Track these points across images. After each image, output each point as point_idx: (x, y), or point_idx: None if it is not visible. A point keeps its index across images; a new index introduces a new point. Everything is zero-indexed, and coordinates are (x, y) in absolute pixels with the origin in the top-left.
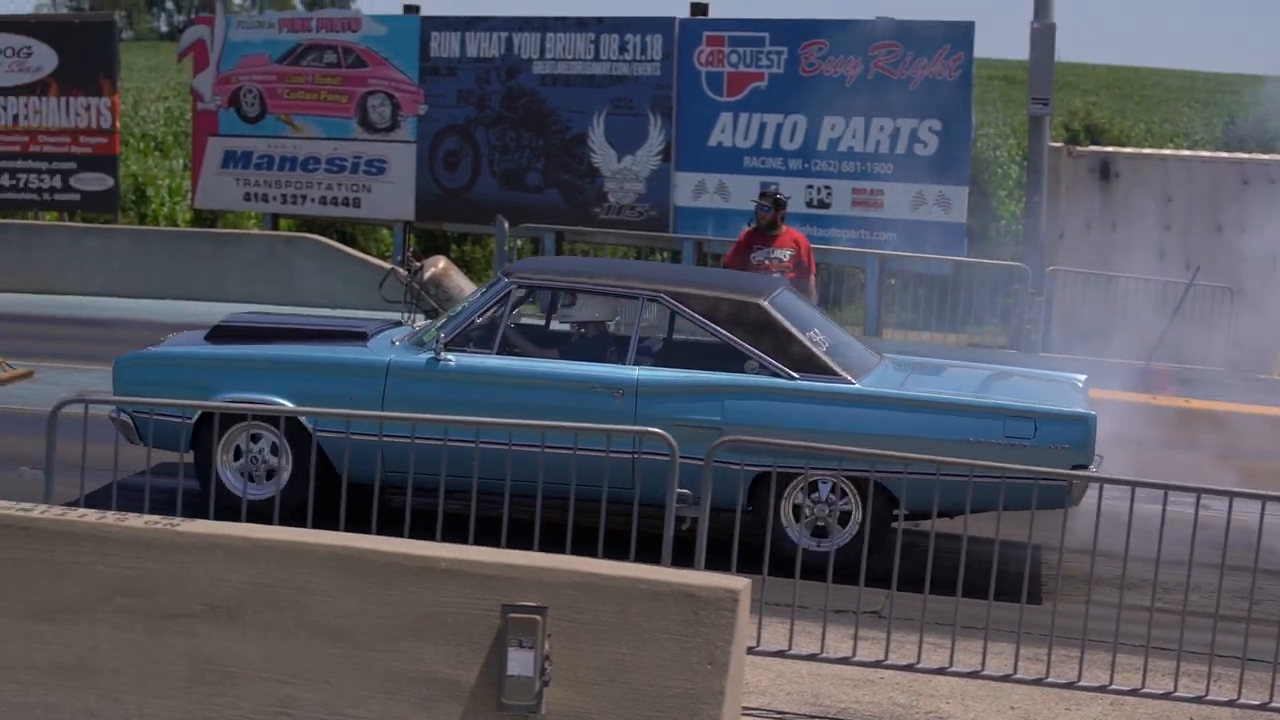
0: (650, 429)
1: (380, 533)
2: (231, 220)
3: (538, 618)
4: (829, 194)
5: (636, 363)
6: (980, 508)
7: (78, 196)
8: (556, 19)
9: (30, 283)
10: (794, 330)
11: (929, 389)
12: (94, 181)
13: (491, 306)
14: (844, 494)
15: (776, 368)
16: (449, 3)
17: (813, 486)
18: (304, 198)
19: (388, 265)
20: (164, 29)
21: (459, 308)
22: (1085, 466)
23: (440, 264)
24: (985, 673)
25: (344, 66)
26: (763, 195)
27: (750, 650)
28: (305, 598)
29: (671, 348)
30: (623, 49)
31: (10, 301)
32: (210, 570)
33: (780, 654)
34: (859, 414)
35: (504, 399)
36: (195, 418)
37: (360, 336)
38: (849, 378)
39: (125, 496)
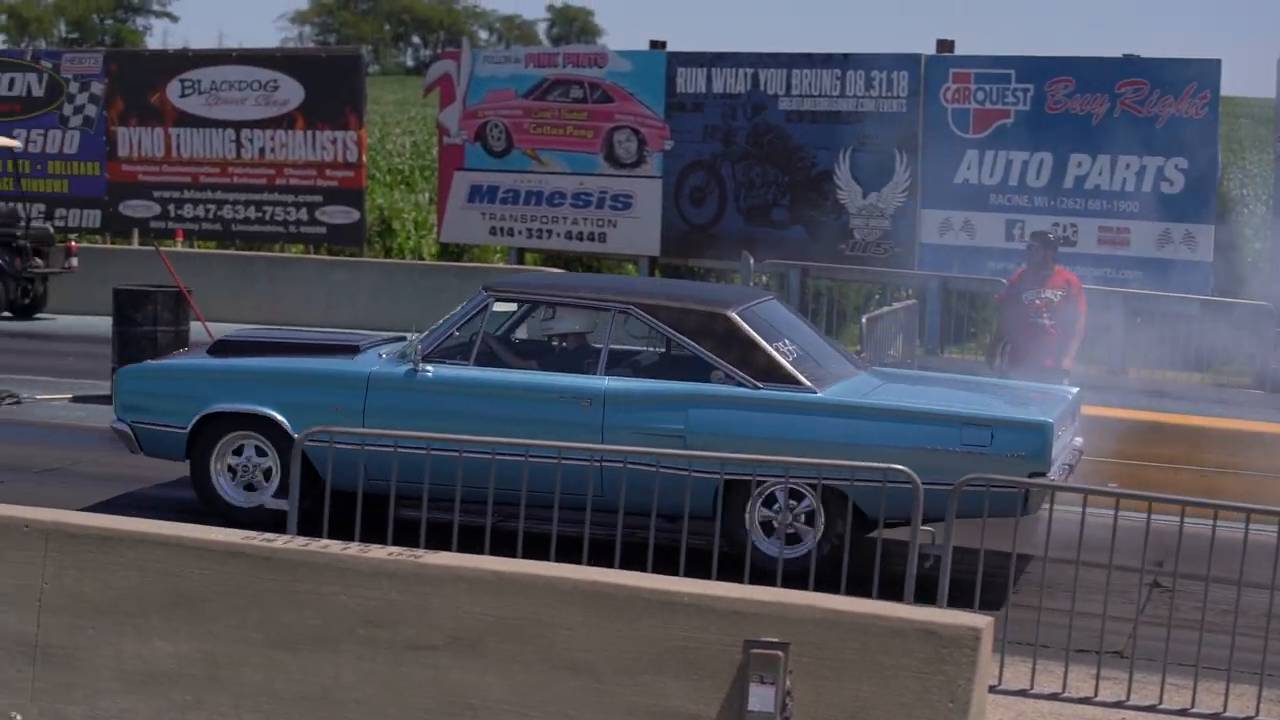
0: (894, 465)
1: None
2: (477, 254)
3: (780, 653)
4: (1074, 231)
5: (608, 373)
6: (935, 515)
7: (324, 230)
8: (803, 55)
9: (277, 315)
10: (760, 340)
11: (891, 398)
12: (340, 215)
13: (469, 319)
14: (804, 498)
15: (741, 377)
16: (695, 39)
17: (774, 496)
18: (549, 232)
19: None
20: (410, 63)
21: (439, 321)
22: (1042, 474)
23: None
24: (1228, 714)
25: (590, 102)
26: (1033, 235)
27: (991, 689)
28: (548, 631)
29: (644, 359)
30: (869, 85)
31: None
32: (453, 602)
33: (1022, 693)
34: (819, 422)
35: (477, 409)
36: (190, 426)
37: (352, 350)
38: (812, 386)
39: (343, 521)
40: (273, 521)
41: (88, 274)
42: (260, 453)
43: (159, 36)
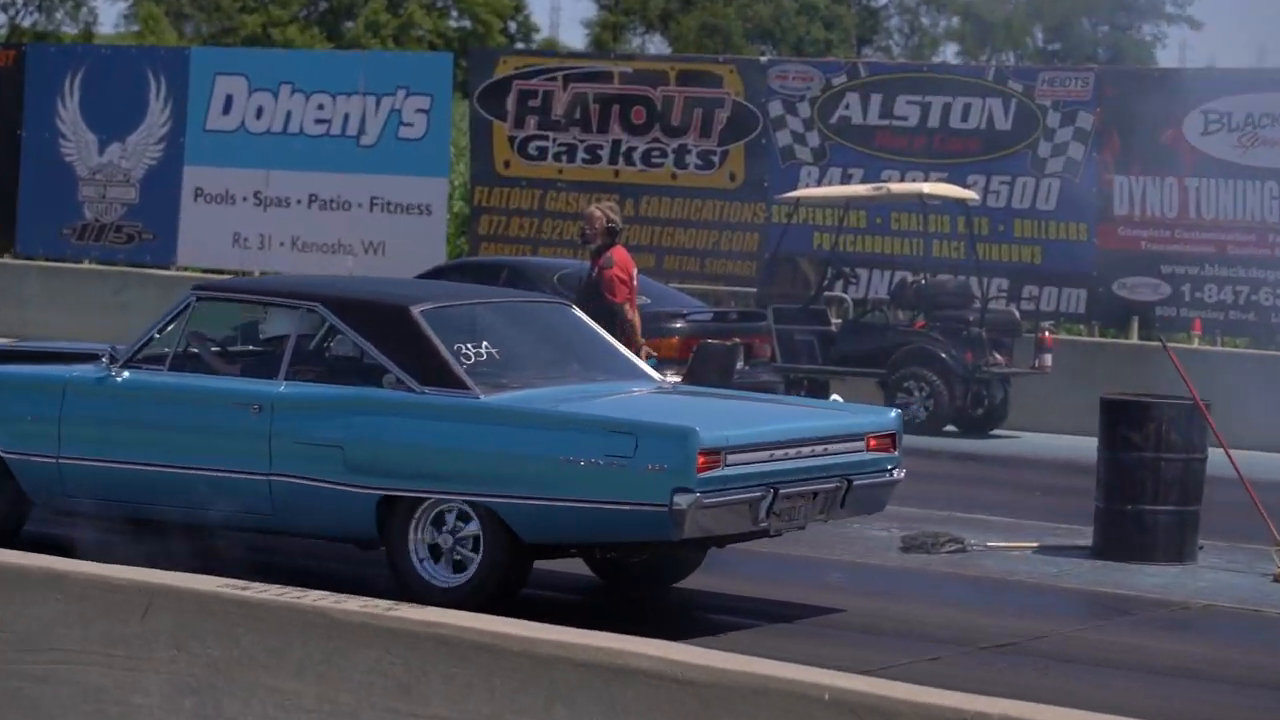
0: None
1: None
2: None
3: None
4: None
5: (289, 377)
6: (577, 539)
7: None
8: None
9: None
10: (435, 339)
11: (555, 404)
12: None
13: (171, 322)
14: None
15: (408, 380)
16: None
17: (454, 515)
18: None
19: None
20: None
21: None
22: (689, 490)
23: None
24: None
25: None
26: None
27: None
28: None
29: (329, 361)
30: None
31: None
32: None
33: None
34: (472, 430)
35: (160, 416)
36: None
37: (90, 358)
38: (476, 391)
39: None
40: None
41: (1066, 376)
42: None
43: (1173, 50)
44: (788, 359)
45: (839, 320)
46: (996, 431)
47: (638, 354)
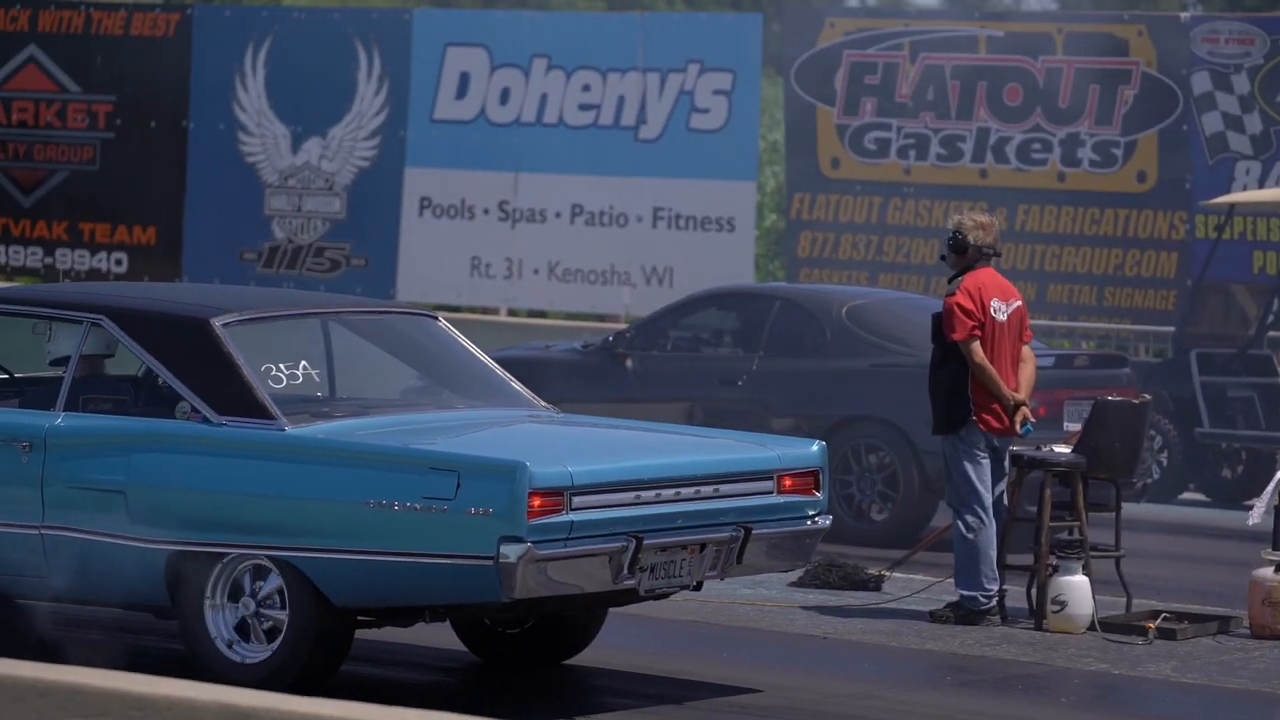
0: None
1: None
2: None
3: None
4: None
5: (69, 407)
6: (397, 601)
7: None
8: None
9: None
10: (236, 357)
11: (366, 435)
12: None
13: None
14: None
15: (203, 409)
16: None
17: (256, 574)
18: None
19: None
20: None
21: None
22: (519, 540)
23: None
24: None
25: None
26: None
27: None
28: None
29: (117, 387)
30: None
31: None
32: None
33: None
34: (271, 469)
35: None
36: None
37: None
38: (281, 422)
39: None
40: None
41: None
42: None
43: None
44: (1218, 422)
45: None
46: None
47: (1009, 415)
